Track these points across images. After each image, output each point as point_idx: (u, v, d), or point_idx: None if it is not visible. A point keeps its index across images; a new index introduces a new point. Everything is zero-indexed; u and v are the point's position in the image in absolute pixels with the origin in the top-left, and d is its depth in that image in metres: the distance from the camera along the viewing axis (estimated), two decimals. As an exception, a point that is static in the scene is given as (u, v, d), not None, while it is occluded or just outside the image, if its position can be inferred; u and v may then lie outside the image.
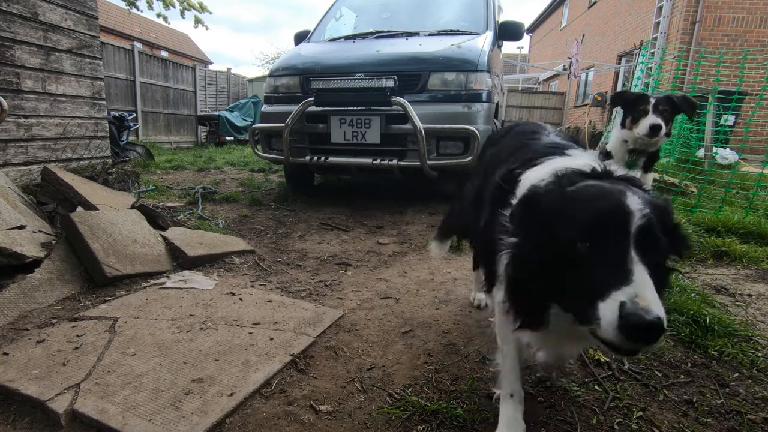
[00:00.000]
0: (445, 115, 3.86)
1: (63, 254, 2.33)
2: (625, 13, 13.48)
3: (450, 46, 4.10)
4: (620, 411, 1.48)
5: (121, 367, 1.57)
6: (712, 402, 1.54)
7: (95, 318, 1.95)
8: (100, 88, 4.15)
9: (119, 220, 2.64)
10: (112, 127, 6.40)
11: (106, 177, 3.91)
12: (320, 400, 1.47)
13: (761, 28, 9.60)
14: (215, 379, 1.53)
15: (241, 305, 2.14)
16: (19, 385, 1.43)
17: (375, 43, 4.56)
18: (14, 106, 3.29)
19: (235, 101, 14.71)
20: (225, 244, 2.98)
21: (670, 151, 6.00)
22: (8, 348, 1.67)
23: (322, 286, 2.49)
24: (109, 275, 2.30)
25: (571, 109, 16.51)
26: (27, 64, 3.41)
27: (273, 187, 5.35)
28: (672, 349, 1.89)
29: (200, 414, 1.34)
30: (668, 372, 1.72)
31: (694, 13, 9.64)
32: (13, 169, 3.34)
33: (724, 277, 2.81)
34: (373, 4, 5.67)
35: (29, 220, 2.55)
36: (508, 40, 5.15)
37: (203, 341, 1.78)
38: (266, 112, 4.44)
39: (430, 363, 1.73)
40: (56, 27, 3.63)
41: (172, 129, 11.91)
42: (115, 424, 1.28)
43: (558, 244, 0.91)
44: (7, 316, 1.92)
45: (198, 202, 4.23)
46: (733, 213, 3.90)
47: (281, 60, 4.76)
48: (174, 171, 6.66)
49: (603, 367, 1.75)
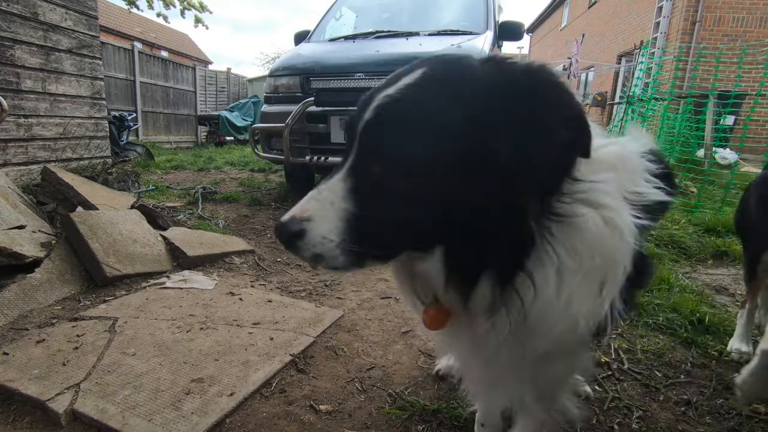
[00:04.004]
0: (445, 115, 3.85)
1: (63, 254, 2.33)
2: (625, 13, 13.48)
3: (450, 46, 4.10)
4: (620, 411, 1.48)
5: (121, 367, 1.57)
6: (712, 402, 1.54)
7: (95, 318, 1.95)
8: (100, 88, 4.15)
9: (119, 220, 2.64)
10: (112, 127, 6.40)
11: (106, 177, 3.91)
12: (320, 400, 1.48)
13: (761, 28, 9.59)
14: (215, 379, 1.53)
15: (241, 305, 2.14)
16: (19, 385, 1.43)
17: (375, 43, 4.56)
18: (14, 106, 3.29)
19: (235, 101, 14.70)
20: (225, 244, 2.98)
21: (670, 150, 6.01)
22: (8, 348, 1.67)
23: (322, 286, 2.49)
24: (109, 275, 2.30)
25: (571, 109, 16.48)
26: (27, 64, 3.41)
27: (273, 187, 5.35)
28: (672, 349, 1.89)
29: (200, 414, 1.35)
30: (668, 372, 1.72)
31: (694, 13, 9.64)
32: (13, 169, 3.34)
33: (724, 277, 2.81)
34: (373, 4, 5.67)
35: (29, 220, 2.54)
36: (508, 40, 5.14)
37: (203, 341, 1.78)
38: (266, 112, 4.43)
39: (430, 363, 1.73)
40: (56, 27, 3.63)
41: (172, 129, 11.91)
42: (115, 424, 1.28)
43: None
44: (7, 316, 1.92)
45: (198, 202, 4.23)
46: (733, 213, 3.90)
47: (281, 60, 4.76)
48: (174, 171, 6.66)
49: (603, 367, 1.75)
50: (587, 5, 17.02)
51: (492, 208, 0.66)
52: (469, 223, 0.68)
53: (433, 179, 0.66)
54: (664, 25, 10.24)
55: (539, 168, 0.65)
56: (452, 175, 0.66)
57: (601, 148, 0.79)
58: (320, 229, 0.70)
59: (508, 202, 0.66)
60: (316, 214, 0.70)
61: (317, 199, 0.72)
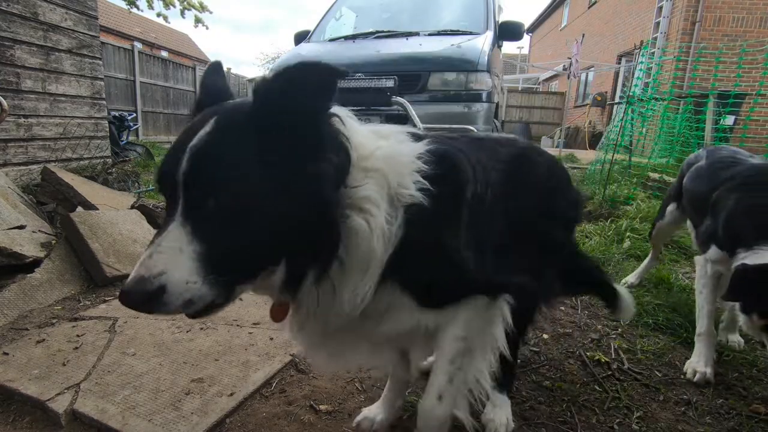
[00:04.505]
0: (445, 115, 3.86)
1: (63, 254, 2.33)
2: (625, 13, 13.48)
3: (450, 46, 4.10)
4: (620, 411, 1.48)
5: (121, 367, 1.57)
6: (712, 402, 1.54)
7: (95, 318, 1.95)
8: (100, 88, 4.15)
9: (119, 220, 2.64)
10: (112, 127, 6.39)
11: (106, 177, 3.91)
12: (320, 400, 1.48)
13: (761, 28, 9.59)
14: (215, 379, 1.53)
15: (241, 305, 2.14)
16: (19, 385, 1.43)
17: (375, 43, 4.56)
18: (14, 106, 3.29)
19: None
20: (225, 244, 2.97)
21: (670, 150, 6.00)
22: (8, 348, 1.67)
23: (322, 286, 2.49)
24: (109, 275, 2.30)
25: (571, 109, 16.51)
26: (27, 64, 3.41)
27: (273, 187, 5.34)
28: (672, 349, 1.89)
29: (200, 414, 1.35)
30: (668, 372, 1.72)
31: (694, 13, 9.64)
32: (13, 169, 3.34)
33: (724, 277, 2.81)
34: (373, 4, 5.67)
35: (29, 220, 2.54)
36: (508, 40, 5.15)
37: (203, 341, 1.78)
38: (266, 112, 4.43)
39: (430, 363, 1.72)
40: (56, 27, 3.63)
41: (172, 129, 11.91)
42: (115, 424, 1.28)
43: None
44: (7, 316, 1.92)
45: (198, 202, 4.22)
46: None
47: (281, 60, 4.76)
48: (174, 171, 6.65)
49: (603, 367, 1.75)
50: (587, 5, 17.03)
51: (296, 217, 0.79)
52: (293, 232, 0.80)
53: (251, 200, 0.77)
54: (664, 25, 10.24)
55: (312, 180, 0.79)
56: (263, 195, 0.77)
57: (375, 152, 0.93)
58: (180, 275, 0.73)
59: (304, 210, 0.79)
60: (168, 266, 0.73)
61: (161, 252, 0.74)
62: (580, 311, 2.24)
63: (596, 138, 12.10)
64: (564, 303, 2.34)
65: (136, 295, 0.72)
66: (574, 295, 2.30)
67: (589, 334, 2.02)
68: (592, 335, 2.00)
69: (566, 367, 1.74)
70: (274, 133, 0.78)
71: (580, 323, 2.11)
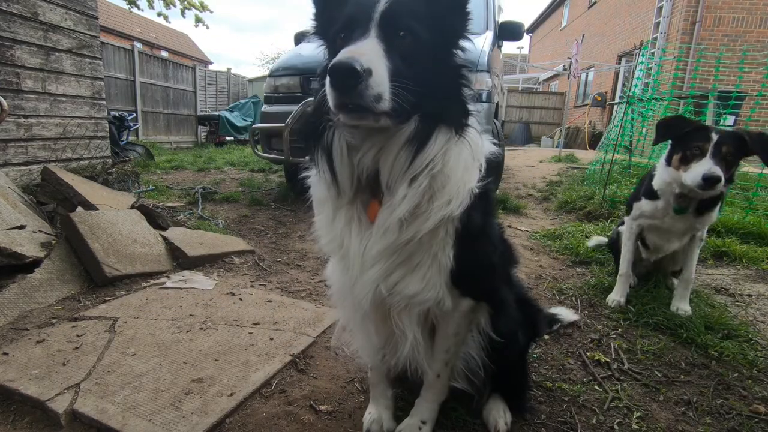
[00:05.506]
0: (446, 114, 3.85)
1: (63, 254, 2.33)
2: (625, 13, 13.48)
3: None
4: (620, 411, 1.48)
5: (121, 367, 1.57)
6: (712, 402, 1.54)
7: (95, 318, 1.95)
8: (100, 88, 4.15)
9: (119, 220, 2.64)
10: (112, 127, 6.40)
11: (106, 177, 3.91)
12: (320, 400, 1.48)
13: (761, 28, 9.60)
14: (215, 379, 1.53)
15: (241, 305, 2.14)
16: (19, 385, 1.43)
17: (375, 42, 4.56)
18: (14, 106, 3.29)
19: (235, 101, 14.71)
20: (225, 244, 2.98)
21: (670, 151, 6.00)
22: (8, 348, 1.67)
23: (322, 286, 2.49)
24: (109, 275, 2.30)
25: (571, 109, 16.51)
26: (27, 64, 3.41)
27: (273, 187, 5.34)
28: (672, 349, 1.89)
29: (200, 414, 1.34)
30: (668, 372, 1.72)
31: (694, 13, 9.64)
32: (13, 169, 3.34)
33: (724, 277, 2.82)
34: (374, 4, 5.67)
35: (29, 220, 2.54)
36: (508, 40, 5.15)
37: (203, 341, 1.78)
38: (266, 112, 4.43)
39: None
40: (56, 27, 3.63)
41: (172, 129, 11.91)
42: (115, 424, 1.28)
43: None
44: (7, 316, 1.92)
45: (198, 202, 4.23)
46: (733, 213, 3.90)
47: (281, 60, 4.76)
48: (174, 171, 6.66)
49: (603, 367, 1.75)
50: (587, 5, 17.02)
51: (445, 73, 1.00)
52: (438, 81, 0.98)
53: (425, 46, 0.94)
54: (664, 26, 10.24)
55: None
56: (435, 45, 0.97)
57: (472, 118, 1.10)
58: (382, 72, 0.85)
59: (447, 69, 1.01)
60: (374, 62, 0.83)
61: (364, 53, 0.84)
62: (580, 311, 2.24)
63: (596, 138, 12.10)
64: (564, 303, 2.34)
65: (351, 66, 0.80)
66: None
67: (589, 334, 2.02)
68: (592, 335, 2.00)
69: (566, 367, 1.74)
70: (439, 6, 0.98)
71: (580, 323, 2.11)
